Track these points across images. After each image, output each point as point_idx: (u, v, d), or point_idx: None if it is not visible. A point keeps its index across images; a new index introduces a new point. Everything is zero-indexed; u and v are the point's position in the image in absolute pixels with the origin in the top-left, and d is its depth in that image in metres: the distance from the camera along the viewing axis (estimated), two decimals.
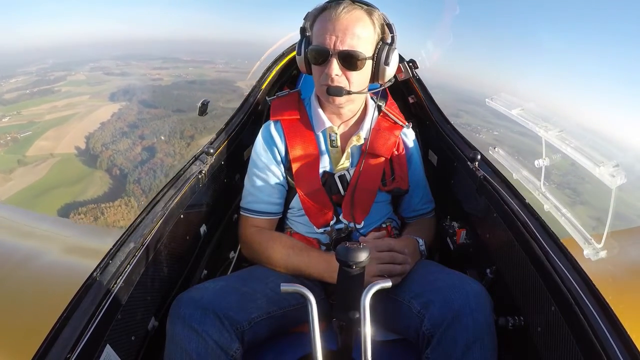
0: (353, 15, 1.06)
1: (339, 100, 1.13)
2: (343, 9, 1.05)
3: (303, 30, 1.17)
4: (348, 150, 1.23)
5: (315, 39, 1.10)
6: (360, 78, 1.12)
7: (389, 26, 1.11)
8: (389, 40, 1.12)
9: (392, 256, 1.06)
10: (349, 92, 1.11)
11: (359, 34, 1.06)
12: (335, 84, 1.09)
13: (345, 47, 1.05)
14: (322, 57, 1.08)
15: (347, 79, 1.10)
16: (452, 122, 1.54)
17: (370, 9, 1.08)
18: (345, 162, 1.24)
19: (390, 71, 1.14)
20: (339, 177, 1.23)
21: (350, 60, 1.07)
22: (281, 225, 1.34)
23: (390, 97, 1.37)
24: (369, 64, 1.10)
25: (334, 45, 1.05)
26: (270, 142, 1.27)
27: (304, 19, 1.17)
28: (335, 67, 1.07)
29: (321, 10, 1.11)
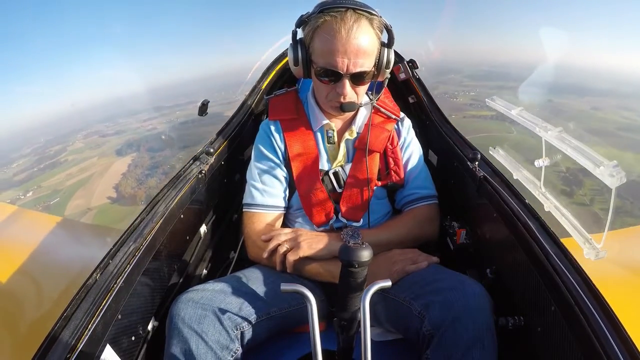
0: (361, 32, 1.01)
1: (349, 113, 1.19)
2: (352, 24, 1.00)
3: (296, 36, 1.12)
4: (342, 145, 1.24)
5: (322, 56, 1.05)
6: (366, 87, 1.15)
7: (389, 30, 1.09)
8: (385, 41, 1.12)
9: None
10: (360, 105, 1.18)
11: (367, 50, 1.04)
12: (347, 100, 1.11)
13: (357, 69, 1.05)
14: (333, 77, 1.08)
15: (356, 93, 1.12)
16: (432, 95, 1.55)
17: (371, 17, 1.04)
18: (341, 159, 1.25)
19: (388, 70, 1.15)
20: (333, 173, 1.23)
21: (360, 78, 1.08)
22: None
23: (384, 90, 1.34)
24: (372, 71, 1.11)
25: (347, 68, 1.04)
26: (270, 139, 1.27)
27: (297, 26, 1.10)
28: (348, 87, 1.08)
29: (322, 21, 1.03)
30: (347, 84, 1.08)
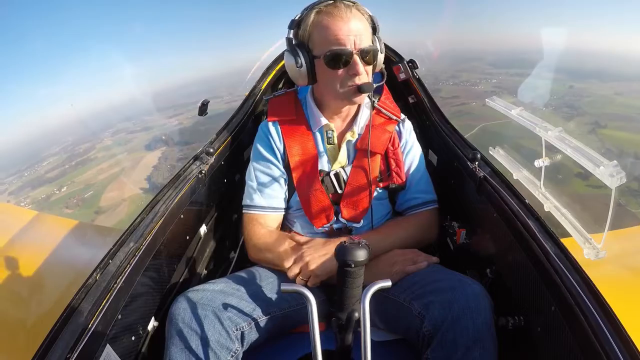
0: (355, 16, 1.07)
1: (365, 96, 1.17)
2: (345, 9, 1.05)
3: (293, 42, 1.12)
4: (344, 146, 1.23)
5: (328, 42, 1.06)
6: (371, 70, 1.16)
7: (371, 17, 1.13)
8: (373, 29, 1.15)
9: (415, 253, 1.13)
10: (375, 86, 1.17)
11: (365, 30, 1.09)
12: (364, 80, 1.11)
13: (364, 45, 1.07)
14: (345, 59, 1.07)
15: (367, 73, 1.12)
16: (451, 83, 1.53)
17: (357, 5, 1.09)
18: (341, 160, 1.24)
19: (382, 57, 1.18)
20: (334, 174, 1.23)
21: (369, 55, 1.09)
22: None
23: (385, 91, 1.35)
24: (377, 49, 1.13)
25: (355, 44, 1.06)
26: (269, 140, 1.27)
27: (290, 28, 1.12)
28: (360, 65, 1.08)
29: (317, 12, 1.07)
30: (359, 61, 1.08)
